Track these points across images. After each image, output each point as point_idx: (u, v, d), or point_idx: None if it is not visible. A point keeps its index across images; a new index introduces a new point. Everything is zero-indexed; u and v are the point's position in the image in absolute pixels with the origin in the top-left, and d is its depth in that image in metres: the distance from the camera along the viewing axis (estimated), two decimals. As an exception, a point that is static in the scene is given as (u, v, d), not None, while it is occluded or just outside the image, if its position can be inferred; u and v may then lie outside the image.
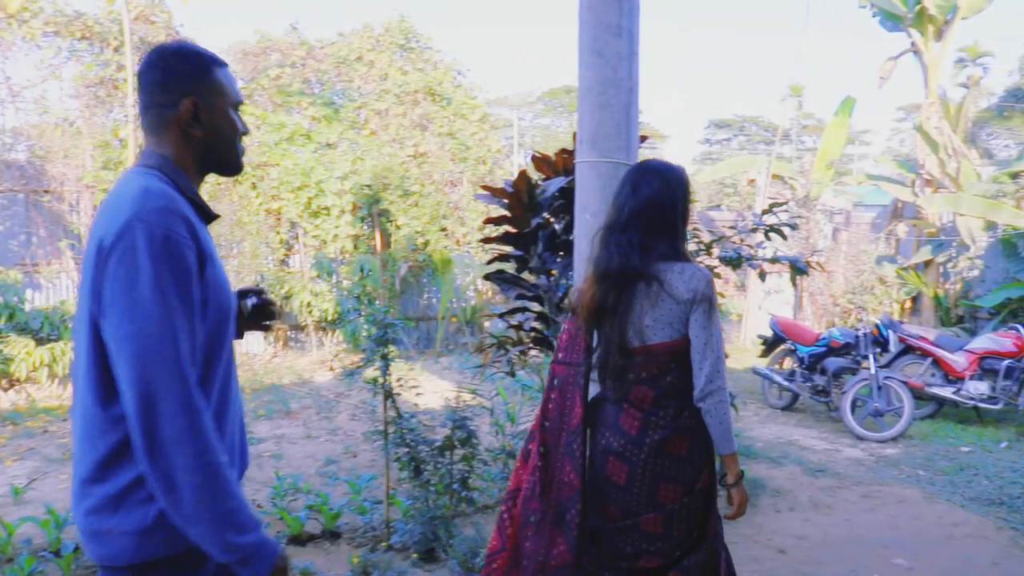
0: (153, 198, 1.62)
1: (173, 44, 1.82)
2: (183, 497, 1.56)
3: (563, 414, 2.67)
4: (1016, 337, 8.49)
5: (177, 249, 1.60)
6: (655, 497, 2.53)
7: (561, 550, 2.57)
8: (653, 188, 2.60)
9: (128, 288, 1.55)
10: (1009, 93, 25.13)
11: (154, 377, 1.54)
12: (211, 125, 1.79)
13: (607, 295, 2.57)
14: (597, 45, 4.15)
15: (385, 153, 13.16)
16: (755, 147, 40.93)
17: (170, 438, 1.54)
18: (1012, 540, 4.96)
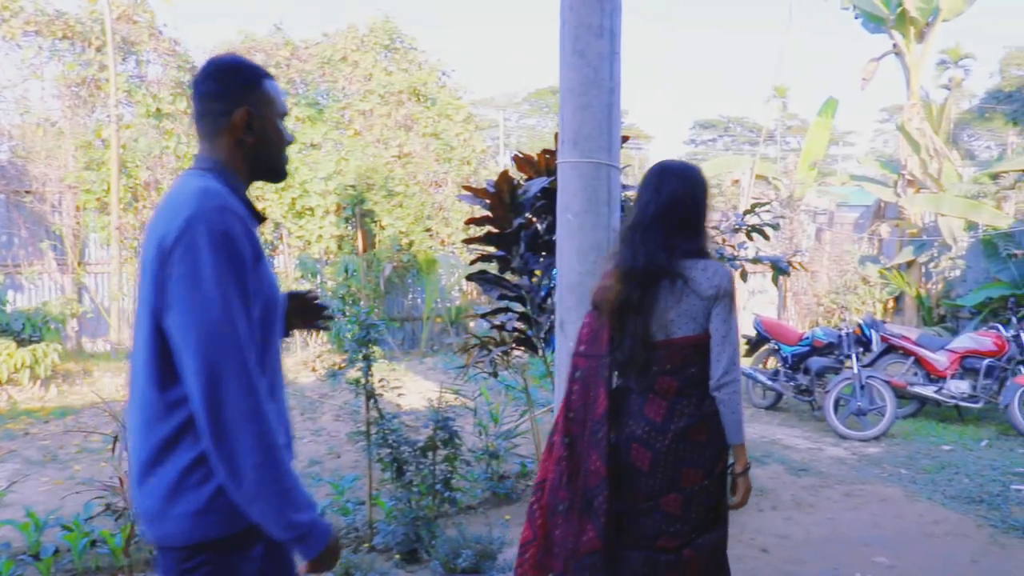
0: (211, 197, 1.73)
1: (227, 57, 1.93)
2: (246, 476, 1.66)
3: (587, 404, 2.74)
4: (996, 336, 8.56)
5: (234, 245, 1.71)
6: (677, 480, 2.63)
7: (590, 536, 2.64)
8: (675, 187, 2.69)
9: (191, 282, 1.66)
10: (990, 95, 25.30)
11: (218, 364, 1.65)
12: (261, 133, 1.90)
13: (632, 292, 2.64)
14: (579, 45, 4.15)
15: (369, 154, 13.14)
16: (740, 148, 41.07)
17: (233, 420, 1.65)
18: (991, 538, 4.99)
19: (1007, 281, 11.25)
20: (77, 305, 11.00)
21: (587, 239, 4.08)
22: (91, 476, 5.75)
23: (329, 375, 4.67)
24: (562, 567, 2.71)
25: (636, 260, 2.65)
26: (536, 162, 4.79)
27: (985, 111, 25.91)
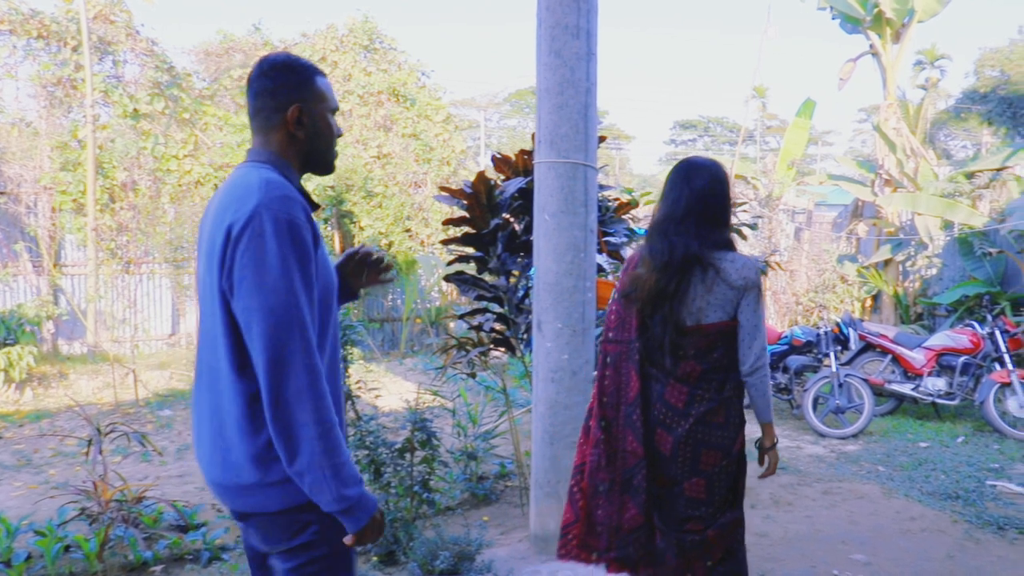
0: (275, 187, 1.84)
1: (280, 56, 2.01)
2: (301, 448, 1.77)
3: (619, 388, 2.90)
4: (972, 334, 8.64)
5: (298, 232, 1.81)
6: (697, 463, 2.79)
7: (632, 513, 2.82)
8: (704, 181, 2.84)
9: (257, 267, 1.77)
10: (965, 95, 25.56)
11: (282, 344, 1.76)
12: (313, 128, 2.01)
13: (669, 281, 2.78)
14: (555, 45, 4.16)
15: (348, 154, 13.08)
16: (720, 148, 41.29)
17: (294, 396, 1.76)
18: (966, 533, 5.03)
19: (982, 279, 11.35)
20: (53, 307, 10.87)
21: (564, 239, 4.09)
22: (66, 480, 5.71)
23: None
24: (606, 544, 2.86)
25: (674, 250, 2.78)
26: (514, 162, 4.79)
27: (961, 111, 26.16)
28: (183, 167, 11.82)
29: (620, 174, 40.03)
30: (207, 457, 1.95)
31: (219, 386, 1.89)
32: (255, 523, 1.95)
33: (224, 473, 1.90)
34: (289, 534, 1.91)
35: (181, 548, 4.39)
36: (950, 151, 31.19)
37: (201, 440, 1.98)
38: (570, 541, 2.97)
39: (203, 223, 2.00)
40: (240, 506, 1.93)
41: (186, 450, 7.12)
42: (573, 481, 3.02)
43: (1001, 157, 12.67)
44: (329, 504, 1.82)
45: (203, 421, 1.96)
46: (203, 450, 1.97)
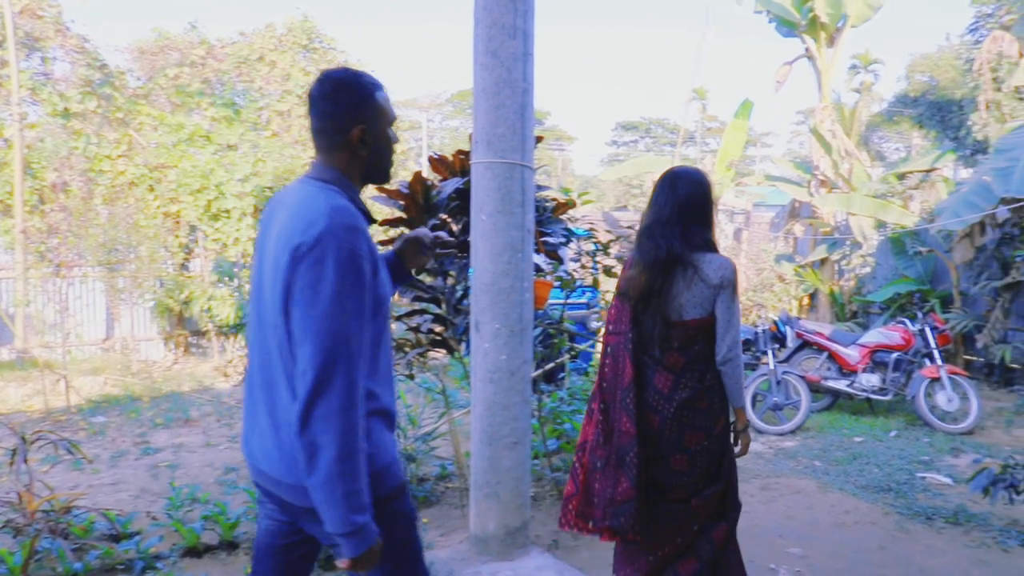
0: (342, 215, 1.93)
1: (342, 75, 2.07)
2: (321, 467, 1.84)
3: (616, 375, 3.21)
4: (904, 331, 8.85)
5: (358, 263, 1.90)
6: (681, 441, 3.10)
7: (625, 487, 3.09)
8: (688, 188, 3.13)
9: (314, 292, 1.86)
10: (898, 99, 26.19)
11: (326, 368, 1.84)
12: (375, 145, 2.09)
13: (656, 279, 3.08)
14: (492, 46, 4.14)
15: (287, 155, 12.92)
16: (661, 149, 41.71)
17: (322, 416, 1.83)
18: (898, 524, 5.15)
19: (913, 278, 11.65)
20: (-22, 313, 10.55)
21: (501, 239, 4.07)
22: (-10, 491, 5.52)
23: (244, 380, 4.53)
24: (601, 514, 3.16)
25: (659, 250, 3.07)
26: (451, 163, 4.76)
27: (893, 114, 26.80)
28: (117, 168, 11.55)
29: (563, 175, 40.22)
30: (274, 459, 2.04)
31: (283, 394, 1.98)
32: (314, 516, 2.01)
33: (296, 473, 1.98)
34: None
35: (113, 558, 4.26)
36: (884, 153, 31.93)
37: (263, 439, 2.07)
38: (569, 511, 3.31)
39: (264, 235, 2.09)
40: (307, 503, 1.99)
41: (120, 457, 6.95)
42: (576, 457, 3.34)
43: (930, 159, 13.02)
44: (334, 526, 1.87)
45: (265, 422, 2.05)
46: (264, 449, 2.06)
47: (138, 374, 10.81)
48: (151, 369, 11.24)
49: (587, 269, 5.40)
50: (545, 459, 5.48)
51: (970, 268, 10.54)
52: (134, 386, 10.10)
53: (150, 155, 11.74)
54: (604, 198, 31.92)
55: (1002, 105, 10.99)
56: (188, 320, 12.15)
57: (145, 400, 9.43)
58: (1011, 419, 8.43)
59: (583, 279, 5.49)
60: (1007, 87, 10.79)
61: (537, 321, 5.23)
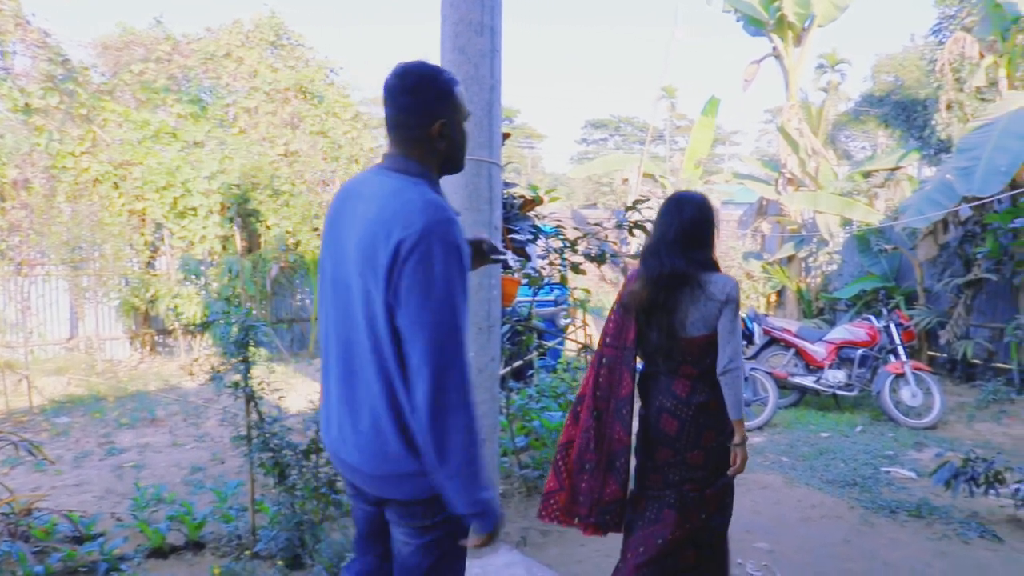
0: (439, 210, 1.99)
1: (421, 69, 2.12)
2: (451, 454, 1.93)
3: (612, 386, 3.42)
4: (869, 327, 8.95)
5: (460, 253, 1.97)
6: (700, 440, 3.31)
7: (612, 489, 3.37)
8: (692, 211, 3.31)
9: (425, 288, 1.91)
10: (864, 98, 26.47)
11: (444, 359, 1.91)
12: (451, 138, 2.14)
13: (659, 295, 3.25)
14: (459, 42, 4.13)
15: (254, 152, 12.79)
16: (630, 147, 41.81)
17: (451, 407, 1.91)
18: (862, 518, 5.21)
19: (879, 275, 11.79)
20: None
21: (468, 236, 4.06)
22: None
23: (212, 378, 4.49)
24: (587, 512, 3.40)
25: (663, 268, 3.24)
26: (417, 159, 4.73)
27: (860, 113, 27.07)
28: (80, 165, 11.35)
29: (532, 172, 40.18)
30: (361, 450, 2.11)
31: (380, 383, 2.03)
32: (400, 509, 2.13)
33: (386, 463, 2.06)
34: (431, 515, 2.09)
35: (76, 561, 4.19)
36: (850, 152, 32.25)
37: (342, 429, 2.15)
38: (551, 506, 3.50)
39: (338, 226, 2.15)
40: (391, 494, 2.11)
41: (84, 458, 6.85)
42: (559, 456, 3.52)
43: (895, 157, 13.19)
44: (466, 507, 1.98)
45: (355, 415, 2.10)
46: (354, 444, 2.12)
47: (103, 374, 10.66)
48: (116, 368, 11.10)
49: (555, 266, 5.40)
50: (514, 456, 5.48)
51: (934, 265, 10.68)
52: (99, 386, 9.96)
53: (115, 152, 11.56)
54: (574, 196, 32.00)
55: (964, 105, 11.14)
56: (154, 319, 12.00)
57: (110, 400, 9.31)
58: (973, 414, 8.56)
59: (551, 276, 5.48)
60: (969, 87, 10.94)
61: (505, 318, 5.22)
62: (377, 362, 2.03)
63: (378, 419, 2.05)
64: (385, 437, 2.05)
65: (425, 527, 2.13)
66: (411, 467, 2.05)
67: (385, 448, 2.05)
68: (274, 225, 12.78)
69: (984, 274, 9.45)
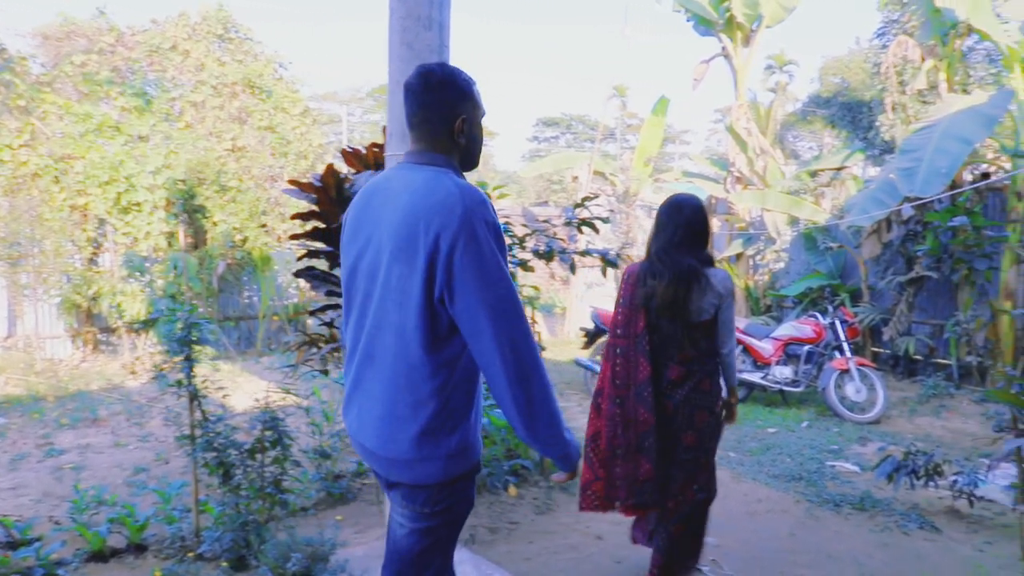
0: (474, 193, 2.09)
1: (444, 69, 2.25)
2: (539, 411, 2.06)
3: (629, 373, 3.71)
4: (815, 324, 9.09)
5: (499, 231, 2.10)
6: (693, 420, 3.70)
7: (646, 468, 3.65)
8: (691, 213, 3.71)
9: (479, 268, 2.00)
10: (811, 99, 26.92)
11: (513, 329, 2.03)
12: (471, 135, 2.27)
13: (680, 291, 3.62)
14: (407, 37, 4.08)
15: (201, 147, 12.57)
16: (582, 145, 41.94)
17: (529, 369, 2.04)
18: (808, 512, 5.28)
19: (825, 272, 11.97)
20: None
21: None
22: None
23: (156, 377, 4.39)
24: (625, 494, 3.68)
25: (680, 267, 3.62)
26: (364, 155, 4.68)
27: (807, 114, 27.56)
28: (18, 158, 11.04)
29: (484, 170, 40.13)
30: (376, 433, 2.20)
31: (400, 368, 2.12)
32: (405, 491, 2.22)
33: (396, 447, 2.15)
34: (433, 502, 2.20)
35: (9, 567, 4.06)
36: (798, 152, 32.81)
37: (362, 414, 2.24)
38: (589, 496, 3.79)
39: (368, 221, 2.23)
40: (400, 477, 2.20)
41: (21, 460, 6.67)
42: (589, 448, 3.79)
43: (840, 157, 13.40)
44: (555, 450, 2.14)
45: (373, 400, 2.20)
46: (370, 425, 2.21)
47: (42, 373, 10.39)
48: (57, 367, 10.82)
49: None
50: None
51: (877, 263, 10.88)
52: (38, 385, 9.71)
53: (55, 145, 11.27)
54: (525, 193, 32.03)
55: (907, 107, 11.37)
56: (97, 317, 11.73)
57: (50, 400, 9.08)
58: (914, 408, 8.74)
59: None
60: (911, 90, 11.16)
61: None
62: (399, 348, 2.12)
63: (395, 404, 2.14)
64: (399, 422, 2.14)
65: (423, 514, 2.23)
66: (421, 452, 2.14)
67: (399, 432, 2.14)
68: (221, 221, 12.58)
69: (925, 272, 9.65)
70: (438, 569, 2.33)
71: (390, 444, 2.16)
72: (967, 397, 8.91)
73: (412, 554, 2.27)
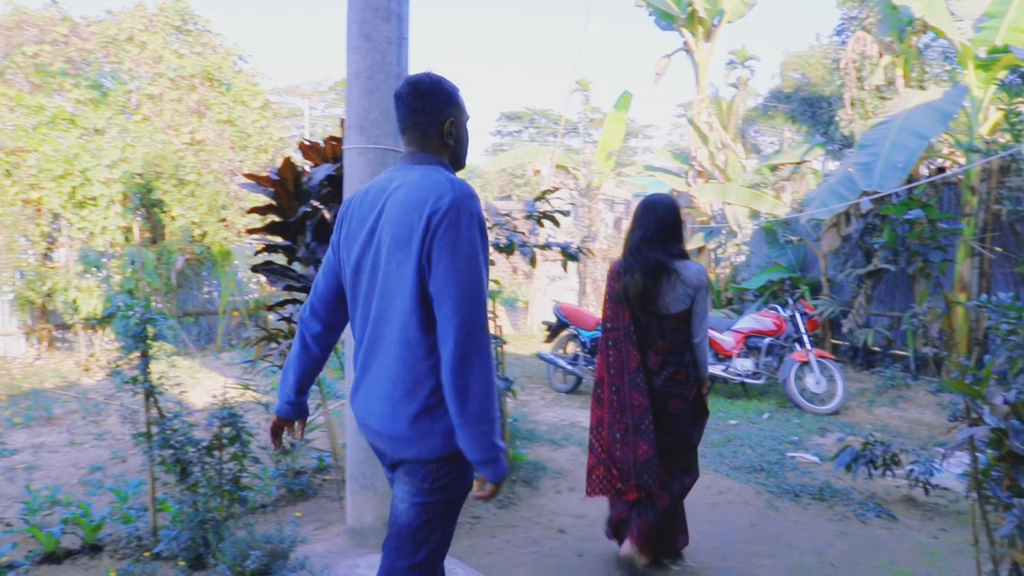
0: (463, 187, 2.25)
1: (431, 77, 2.43)
2: (473, 401, 2.14)
3: (622, 362, 4.03)
4: (775, 317, 9.18)
5: (483, 224, 2.25)
6: (667, 406, 4.00)
7: (644, 449, 3.94)
8: (664, 211, 4.00)
9: (454, 251, 2.15)
10: (772, 94, 27.15)
11: (471, 314, 2.15)
12: (458, 136, 2.47)
13: (649, 283, 3.92)
14: (365, 28, 4.05)
15: (158, 140, 12.37)
16: (545, 139, 41.91)
17: (476, 359, 2.14)
18: (768, 503, 5.33)
19: (785, 265, 12.10)
20: None
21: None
22: None
23: (113, 374, 4.31)
24: (627, 475, 3.96)
25: (650, 262, 3.91)
26: (322, 149, 4.63)
27: (768, 109, 27.78)
28: (-33, 151, 10.78)
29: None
30: (379, 412, 2.32)
31: (400, 351, 2.25)
32: (407, 468, 2.33)
33: (396, 424, 2.27)
34: (433, 478, 2.31)
35: (-45, 571, 3.98)
36: (759, 146, 33.04)
37: (368, 395, 2.36)
38: (594, 480, 4.11)
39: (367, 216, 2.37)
40: (402, 454, 2.32)
41: (-28, 460, 6.52)
42: (592, 436, 4.15)
43: (800, 152, 13.53)
44: (481, 453, 2.17)
45: (377, 381, 2.33)
46: (374, 405, 2.34)
47: (-5, 372, 10.17)
48: (10, 366, 10.59)
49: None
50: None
51: (837, 256, 11.00)
52: (-10, 384, 9.51)
53: (7, 138, 11.00)
54: (488, 187, 31.94)
55: (866, 103, 11.51)
56: (52, 313, 11.50)
57: (2, 398, 8.88)
58: (873, 399, 8.86)
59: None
60: (869, 85, 11.30)
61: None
62: (401, 332, 2.25)
63: (396, 384, 2.27)
64: (401, 400, 2.27)
65: (424, 489, 2.32)
66: (421, 429, 2.25)
67: (400, 410, 2.27)
68: (179, 216, 12.39)
69: (882, 264, 9.78)
70: (437, 545, 2.41)
71: (392, 422, 2.29)
72: (924, 387, 9.06)
73: (411, 528, 2.36)
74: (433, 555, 2.41)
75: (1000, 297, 3.91)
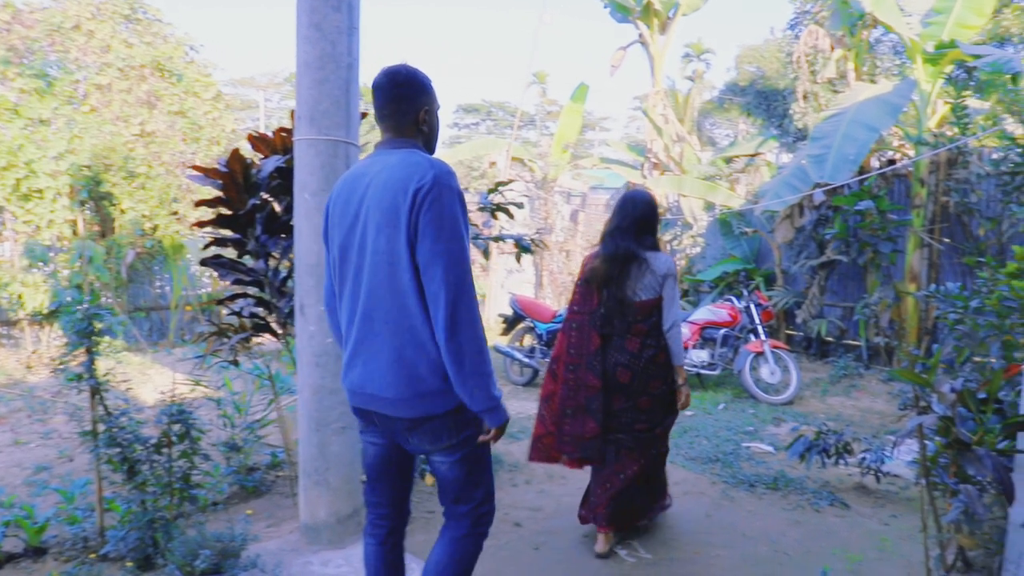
0: (442, 165, 2.44)
1: (407, 69, 2.63)
2: (468, 360, 2.36)
3: (583, 344, 4.28)
4: (730, 308, 9.24)
5: (462, 197, 2.44)
6: (647, 387, 4.23)
7: (591, 427, 4.23)
8: (641, 205, 4.25)
9: (439, 222, 2.34)
10: (728, 87, 27.39)
11: (459, 280, 2.34)
12: (431, 124, 2.68)
13: (613, 269, 4.17)
14: (315, 18, 3.98)
15: (107, 131, 12.09)
16: (502, 132, 41.89)
17: (465, 321, 2.35)
18: (723, 493, 5.37)
19: (740, 257, 12.21)
20: None
21: (325, 219, 3.92)
22: None
23: (56, 371, 4.19)
24: (572, 448, 4.27)
25: (617, 249, 4.17)
26: (271, 140, 4.54)
27: (724, 102, 28.03)
28: (-92, 143, 10.44)
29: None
30: (386, 380, 2.49)
31: (401, 318, 2.44)
32: (428, 427, 2.52)
33: (410, 386, 2.46)
34: (456, 431, 2.54)
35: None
36: (714, 139, 33.34)
37: (368, 364, 2.53)
38: (539, 448, 4.41)
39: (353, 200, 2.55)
40: (421, 411, 2.49)
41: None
42: (542, 407, 4.43)
43: (755, 144, 13.67)
44: (481, 403, 2.41)
45: (378, 350, 2.49)
46: (379, 375, 2.50)
47: (-64, 370, 9.89)
48: (-47, 363, 10.32)
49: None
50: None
51: (791, 248, 11.13)
52: (-68, 382, 9.24)
53: (-49, 130, 10.70)
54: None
55: (818, 96, 11.64)
56: (-4, 310, 11.21)
57: (-59, 398, 8.64)
58: (826, 389, 8.98)
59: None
60: (822, 78, 11.43)
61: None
62: (397, 303, 2.43)
63: (401, 350, 2.45)
64: (410, 363, 2.45)
65: (452, 446, 2.56)
66: (433, 386, 2.45)
67: (410, 372, 2.45)
68: (129, 209, 12.13)
69: (835, 255, 9.90)
70: (487, 485, 2.73)
71: (402, 385, 2.47)
72: (875, 377, 9.20)
73: (460, 481, 2.64)
74: (488, 491, 2.73)
75: (948, 287, 3.98)
